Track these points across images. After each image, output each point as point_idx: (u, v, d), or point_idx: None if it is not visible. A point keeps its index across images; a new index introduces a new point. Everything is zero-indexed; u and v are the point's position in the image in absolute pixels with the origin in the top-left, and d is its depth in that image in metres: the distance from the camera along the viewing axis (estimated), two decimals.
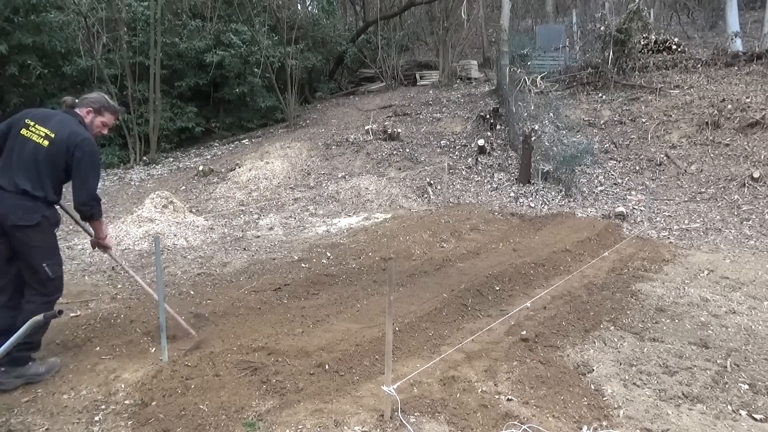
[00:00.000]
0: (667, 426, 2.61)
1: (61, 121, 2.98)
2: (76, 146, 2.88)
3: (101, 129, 3.18)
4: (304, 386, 2.86)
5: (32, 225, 2.85)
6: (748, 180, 7.89)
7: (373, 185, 8.98)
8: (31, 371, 2.92)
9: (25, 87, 11.76)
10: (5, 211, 2.81)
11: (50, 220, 2.95)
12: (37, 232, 2.88)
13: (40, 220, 2.87)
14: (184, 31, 13.39)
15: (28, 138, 2.90)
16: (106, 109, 3.18)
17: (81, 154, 2.89)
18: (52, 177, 2.91)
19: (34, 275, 2.91)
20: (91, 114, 3.13)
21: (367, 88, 16.82)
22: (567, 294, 4.47)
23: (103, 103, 3.17)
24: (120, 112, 3.31)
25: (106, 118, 3.19)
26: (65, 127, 2.94)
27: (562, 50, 13.96)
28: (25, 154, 2.87)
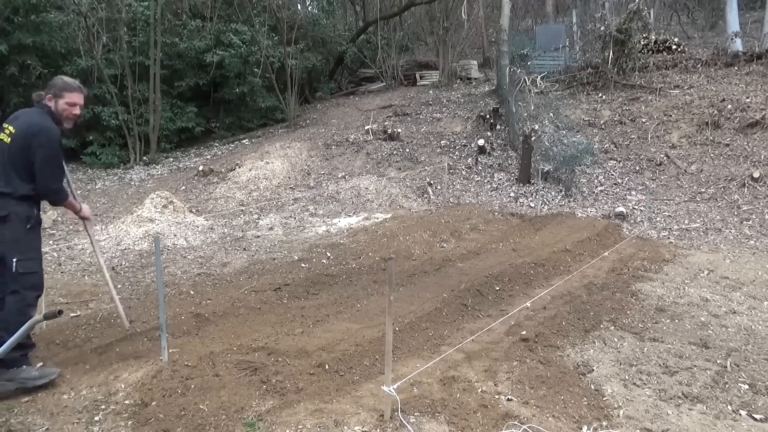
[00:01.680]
0: (667, 426, 2.61)
1: (26, 115, 3.01)
2: (32, 136, 2.89)
3: (70, 111, 3.08)
4: (304, 386, 2.86)
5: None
6: (748, 180, 7.89)
7: (373, 185, 8.98)
8: (22, 375, 2.86)
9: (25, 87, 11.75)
10: None
11: (20, 215, 2.90)
12: (6, 227, 2.86)
13: (7, 215, 2.86)
14: (184, 31, 13.40)
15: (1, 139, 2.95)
16: (62, 89, 3.06)
17: (37, 144, 2.88)
18: (17, 171, 2.90)
19: (8, 271, 2.89)
20: (53, 100, 3.04)
21: (367, 88, 16.82)
22: (567, 294, 4.47)
23: (58, 85, 3.07)
24: (81, 90, 3.15)
25: (68, 98, 3.06)
26: (26, 120, 2.96)
27: (562, 50, 13.95)
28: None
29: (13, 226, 2.89)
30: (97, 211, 7.91)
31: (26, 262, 2.91)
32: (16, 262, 2.87)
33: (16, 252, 2.88)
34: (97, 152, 11.67)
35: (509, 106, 10.67)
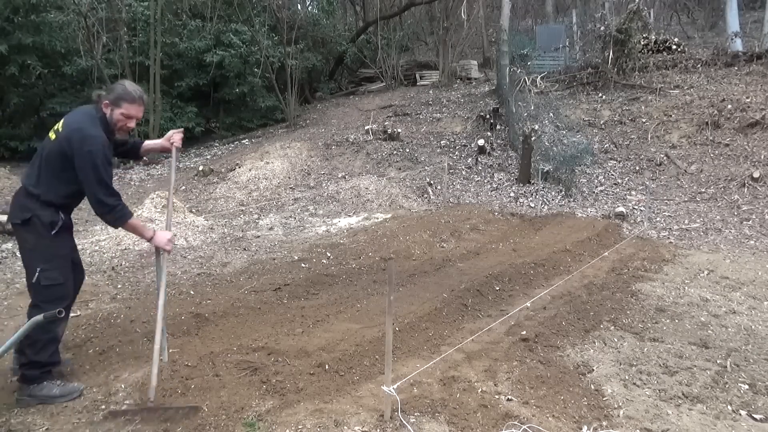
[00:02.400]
0: (667, 426, 2.61)
1: (78, 114, 2.81)
2: (74, 144, 2.65)
3: (125, 123, 2.84)
4: (304, 386, 2.86)
5: (21, 223, 2.67)
6: (748, 180, 7.89)
7: (373, 185, 8.98)
8: (43, 392, 2.72)
9: (25, 87, 11.77)
10: (10, 209, 2.75)
11: (43, 219, 2.68)
12: (29, 232, 2.68)
13: (30, 218, 2.66)
14: (184, 31, 13.40)
15: (49, 137, 2.78)
16: (122, 98, 2.82)
17: (80, 154, 2.64)
18: (51, 174, 2.70)
19: (29, 280, 2.69)
20: (109, 107, 2.82)
21: (367, 88, 16.83)
22: (567, 294, 4.47)
23: (119, 93, 2.82)
24: (142, 101, 2.91)
25: (125, 109, 2.82)
26: (73, 121, 2.75)
27: (562, 50, 13.95)
28: (44, 152, 2.75)
29: (38, 231, 2.68)
30: None
31: (51, 272, 2.68)
32: (40, 272, 2.65)
33: (40, 261, 2.67)
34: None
35: (509, 106, 10.67)
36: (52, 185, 2.71)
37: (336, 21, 19.01)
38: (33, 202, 2.69)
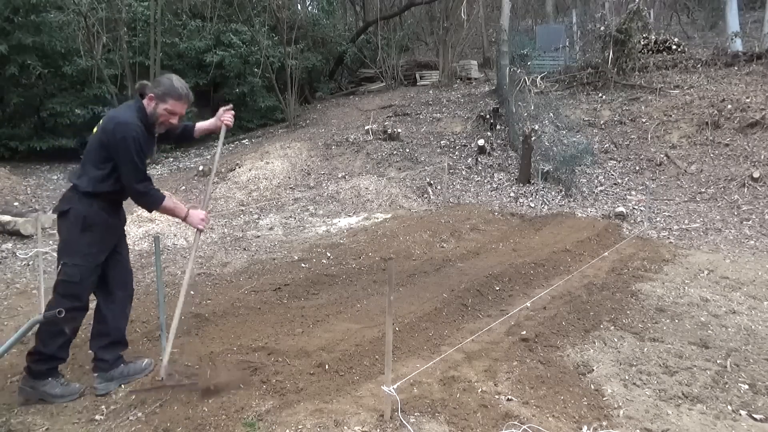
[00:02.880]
0: (667, 426, 2.61)
1: (117, 108, 2.85)
2: (109, 132, 2.67)
3: (167, 118, 2.82)
4: (304, 386, 2.86)
5: (59, 214, 2.73)
6: (748, 180, 7.89)
7: (373, 185, 8.98)
8: (45, 388, 2.72)
9: (25, 87, 11.77)
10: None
11: (77, 213, 2.69)
12: (63, 224, 2.72)
13: (68, 210, 2.70)
14: (184, 31, 13.41)
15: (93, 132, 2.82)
16: (169, 94, 2.78)
17: (114, 141, 2.66)
18: (92, 166, 2.72)
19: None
20: (153, 101, 2.79)
21: (367, 88, 16.82)
22: (567, 294, 4.47)
23: (166, 87, 2.79)
24: (188, 98, 2.87)
25: (170, 105, 2.79)
26: (113, 112, 2.79)
27: (562, 50, 13.95)
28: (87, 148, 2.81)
29: (70, 224, 2.71)
30: None
31: (70, 268, 2.69)
32: (62, 265, 2.68)
33: (65, 254, 2.71)
34: None
35: (509, 106, 10.67)
36: (92, 177, 2.71)
37: (336, 21, 19.02)
38: (73, 195, 2.72)
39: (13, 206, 7.56)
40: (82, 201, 2.71)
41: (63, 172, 11.04)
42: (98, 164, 2.71)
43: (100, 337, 2.88)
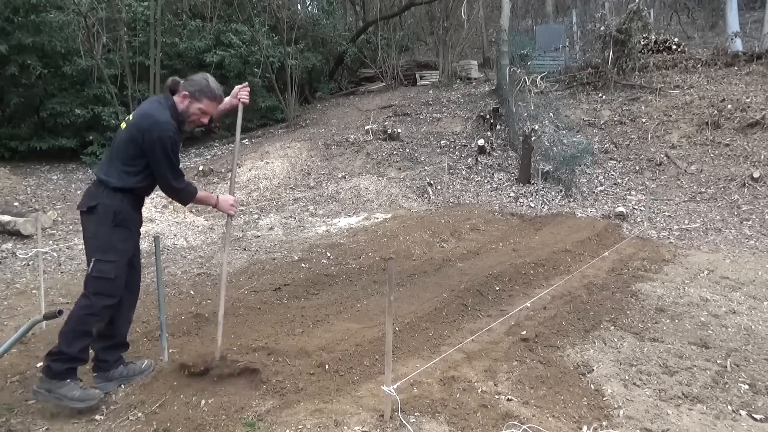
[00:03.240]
0: (667, 426, 2.61)
1: (147, 105, 2.78)
2: (144, 131, 2.63)
3: (199, 117, 2.82)
4: (304, 386, 2.86)
5: (85, 210, 2.64)
6: (748, 180, 7.89)
7: (373, 185, 8.98)
8: (62, 390, 2.58)
9: (25, 87, 11.76)
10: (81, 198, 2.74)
11: (107, 208, 2.64)
12: (90, 221, 2.64)
13: (96, 205, 2.62)
14: (184, 31, 13.40)
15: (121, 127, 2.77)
16: (204, 94, 2.78)
17: (150, 140, 2.62)
18: (121, 162, 2.68)
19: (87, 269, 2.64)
20: (187, 99, 2.78)
21: (367, 88, 16.82)
22: (567, 294, 4.47)
23: (201, 86, 2.78)
24: (222, 99, 2.91)
25: (205, 105, 2.79)
26: (144, 110, 2.73)
27: (562, 50, 13.95)
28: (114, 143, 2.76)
29: (99, 219, 2.64)
30: None
31: (104, 265, 2.62)
32: (94, 262, 2.61)
33: (97, 250, 2.63)
34: (97, 152, 11.66)
35: (509, 106, 10.67)
36: (121, 173, 2.68)
37: (336, 21, 19.00)
38: (101, 190, 2.66)
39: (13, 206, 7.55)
40: (112, 196, 2.66)
41: (63, 171, 11.04)
42: (128, 160, 2.68)
43: (104, 339, 2.84)
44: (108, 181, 2.65)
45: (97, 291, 2.62)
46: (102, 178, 2.67)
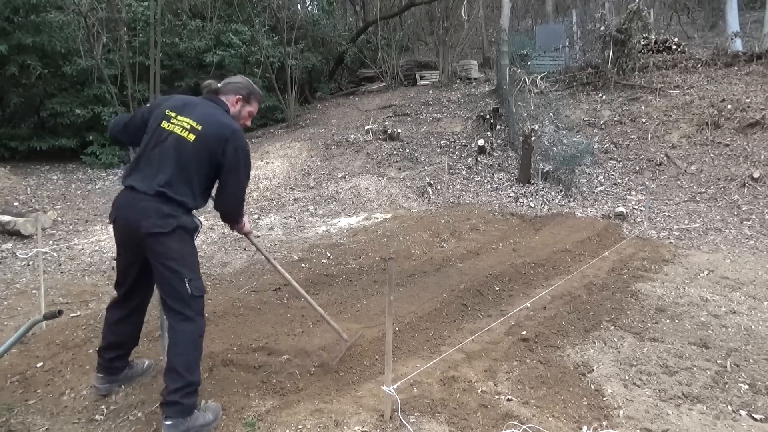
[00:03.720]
0: (667, 426, 2.61)
1: (207, 110, 2.54)
2: (227, 140, 2.43)
3: (247, 120, 2.74)
4: (304, 386, 2.86)
5: (167, 232, 2.40)
6: (748, 180, 7.89)
7: (373, 185, 8.98)
8: (198, 422, 2.42)
9: (25, 87, 11.76)
10: (138, 216, 2.38)
11: (188, 226, 2.49)
12: (173, 240, 2.42)
13: (175, 228, 2.41)
14: (184, 31, 13.39)
15: (171, 131, 2.45)
16: (254, 96, 2.72)
17: (233, 150, 2.44)
18: (198, 178, 2.46)
19: (174, 294, 2.44)
20: (240, 102, 2.67)
21: (367, 88, 16.82)
22: (567, 294, 4.47)
23: (251, 89, 2.71)
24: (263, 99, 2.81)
25: (253, 107, 2.74)
26: (213, 117, 2.50)
27: (561, 50, 13.95)
28: (168, 151, 2.42)
29: (183, 239, 2.46)
30: (98, 212, 7.91)
31: (197, 282, 2.49)
32: (189, 282, 2.43)
33: (187, 270, 2.45)
34: (97, 152, 11.67)
35: (509, 106, 10.67)
36: (199, 190, 2.51)
37: (336, 21, 19.00)
38: (176, 208, 2.43)
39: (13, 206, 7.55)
40: (187, 214, 2.51)
41: (63, 171, 11.04)
42: (200, 176, 2.48)
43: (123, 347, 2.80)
44: (183, 201, 2.43)
45: (200, 310, 2.52)
46: (173, 196, 2.40)
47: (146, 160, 2.48)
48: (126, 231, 2.49)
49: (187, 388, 2.39)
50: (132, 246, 2.51)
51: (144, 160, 2.49)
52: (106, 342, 2.73)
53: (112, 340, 2.73)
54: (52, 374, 3.03)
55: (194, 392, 2.44)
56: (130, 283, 2.65)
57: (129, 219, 2.44)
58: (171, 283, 2.44)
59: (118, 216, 2.51)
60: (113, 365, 2.77)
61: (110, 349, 2.74)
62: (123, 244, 2.58)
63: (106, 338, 2.73)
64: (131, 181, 2.46)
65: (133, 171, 2.49)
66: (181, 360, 2.41)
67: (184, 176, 2.44)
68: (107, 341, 2.73)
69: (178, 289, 2.43)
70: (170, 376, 2.40)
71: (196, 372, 2.46)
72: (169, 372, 2.41)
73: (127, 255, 2.60)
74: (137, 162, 2.50)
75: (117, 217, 2.51)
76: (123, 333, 2.74)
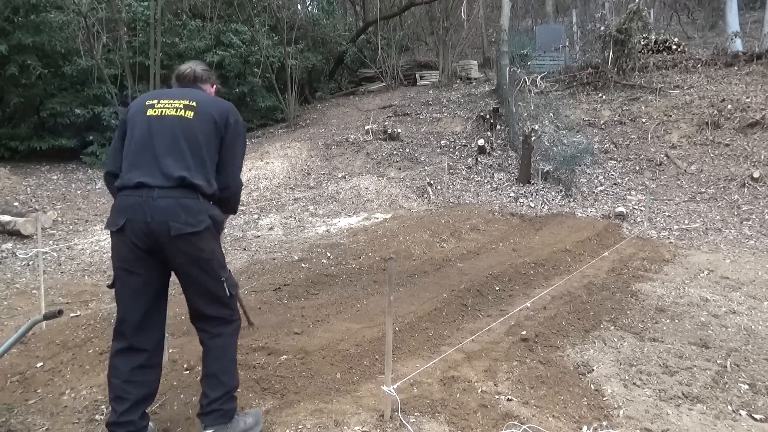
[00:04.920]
0: (667, 426, 2.61)
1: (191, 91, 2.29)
2: (228, 112, 2.23)
3: None
4: (304, 386, 2.86)
5: (200, 231, 2.09)
6: (748, 180, 7.89)
7: (373, 185, 8.98)
8: (239, 428, 2.25)
9: (25, 87, 11.75)
10: (163, 216, 2.04)
11: (216, 219, 2.20)
12: (205, 239, 2.12)
13: (207, 223, 2.12)
14: (184, 31, 13.39)
15: (162, 114, 2.16)
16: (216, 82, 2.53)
17: (234, 123, 2.23)
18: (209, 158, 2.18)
19: (211, 298, 2.19)
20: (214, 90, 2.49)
21: (367, 88, 16.82)
22: (567, 294, 4.47)
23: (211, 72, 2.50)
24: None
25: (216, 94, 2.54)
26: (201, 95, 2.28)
27: (562, 50, 13.95)
28: (167, 133, 2.13)
29: (213, 235, 2.18)
30: (98, 211, 7.91)
31: (231, 279, 2.27)
32: (226, 280, 2.21)
33: (222, 268, 2.21)
34: (97, 152, 11.67)
35: (509, 106, 10.67)
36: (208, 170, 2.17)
37: (336, 21, 19.00)
38: (200, 197, 2.13)
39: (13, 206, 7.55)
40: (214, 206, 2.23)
41: (63, 171, 11.04)
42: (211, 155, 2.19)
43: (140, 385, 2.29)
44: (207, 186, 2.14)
45: (236, 309, 2.33)
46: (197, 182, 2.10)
47: (142, 151, 2.12)
48: (144, 237, 2.07)
49: (228, 394, 2.23)
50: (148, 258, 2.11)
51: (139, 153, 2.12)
52: (128, 404, 2.12)
53: (141, 393, 2.17)
54: (52, 374, 3.03)
55: (234, 397, 2.27)
56: (143, 313, 2.16)
57: (150, 221, 2.04)
58: (207, 287, 2.17)
59: (132, 220, 2.06)
60: (143, 425, 2.21)
61: (137, 406, 2.17)
62: (135, 260, 2.11)
63: (127, 397, 2.13)
64: (135, 177, 2.08)
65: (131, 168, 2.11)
66: (220, 366, 2.21)
67: (196, 157, 2.13)
68: (131, 401, 2.13)
69: (214, 292, 2.18)
70: (209, 383, 2.20)
71: (235, 376, 2.29)
72: (208, 379, 2.21)
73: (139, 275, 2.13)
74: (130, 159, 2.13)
75: (128, 221, 2.07)
76: (146, 382, 2.20)
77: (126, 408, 2.11)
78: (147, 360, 2.20)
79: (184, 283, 2.19)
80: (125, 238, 2.09)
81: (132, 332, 2.16)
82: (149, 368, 2.21)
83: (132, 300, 2.15)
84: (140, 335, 2.17)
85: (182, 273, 2.15)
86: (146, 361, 2.19)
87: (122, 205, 2.10)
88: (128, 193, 2.09)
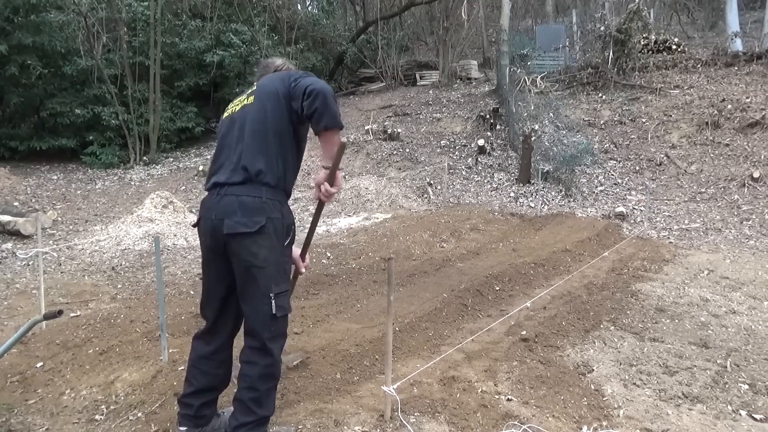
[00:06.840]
0: (667, 426, 2.61)
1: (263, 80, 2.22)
2: (289, 77, 2.05)
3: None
4: (304, 386, 2.86)
5: (252, 232, 1.97)
6: (748, 180, 7.89)
7: (373, 185, 8.98)
8: None
9: (25, 87, 11.76)
10: (222, 214, 2.00)
11: (276, 223, 2.02)
12: (258, 244, 1.98)
13: (263, 225, 1.97)
14: (184, 31, 13.40)
15: (232, 112, 2.16)
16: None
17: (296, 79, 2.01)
18: (275, 139, 2.02)
19: (253, 310, 2.05)
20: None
21: (367, 88, 16.82)
22: (567, 294, 4.47)
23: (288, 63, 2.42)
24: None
25: None
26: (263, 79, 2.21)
27: (562, 50, 13.96)
28: (235, 128, 2.09)
29: (270, 240, 2.00)
30: (97, 211, 7.91)
31: (283, 299, 2.08)
32: (275, 298, 2.02)
33: (273, 281, 2.02)
34: (97, 152, 11.68)
35: (509, 106, 10.68)
36: (271, 153, 2.04)
37: (336, 21, 19.01)
38: (261, 191, 2.00)
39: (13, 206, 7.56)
40: (284, 204, 2.10)
41: (63, 171, 11.04)
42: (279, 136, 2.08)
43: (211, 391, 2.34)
44: (270, 178, 2.00)
45: (277, 333, 2.11)
46: (258, 177, 1.99)
47: (224, 151, 2.12)
48: (208, 235, 2.08)
49: (257, 422, 2.10)
50: (219, 253, 2.08)
51: (221, 153, 2.14)
52: (193, 387, 2.19)
53: (203, 382, 2.20)
54: (52, 374, 3.03)
55: (265, 423, 2.15)
56: (218, 306, 2.18)
57: (211, 219, 2.04)
58: (254, 299, 2.04)
59: (202, 217, 2.13)
60: (202, 413, 2.22)
61: (199, 395, 2.20)
62: (211, 253, 2.13)
63: (194, 381, 2.21)
64: (215, 178, 2.10)
65: (216, 170, 2.13)
66: (251, 395, 2.08)
67: (258, 143, 2.02)
68: (194, 387, 2.19)
69: (259, 307, 2.03)
70: (240, 407, 2.11)
71: (269, 405, 2.15)
72: (239, 403, 2.11)
73: (216, 265, 2.13)
74: (215, 161, 2.16)
75: (200, 218, 2.15)
76: (208, 373, 2.23)
77: (190, 391, 2.20)
78: (213, 353, 2.23)
79: (237, 287, 2.11)
80: (200, 235, 2.18)
81: (212, 315, 2.23)
82: (214, 361, 2.23)
83: (209, 289, 2.23)
84: (218, 322, 2.23)
85: (236, 276, 2.08)
86: (212, 354, 2.22)
87: (203, 204, 2.18)
88: (210, 192, 2.14)
